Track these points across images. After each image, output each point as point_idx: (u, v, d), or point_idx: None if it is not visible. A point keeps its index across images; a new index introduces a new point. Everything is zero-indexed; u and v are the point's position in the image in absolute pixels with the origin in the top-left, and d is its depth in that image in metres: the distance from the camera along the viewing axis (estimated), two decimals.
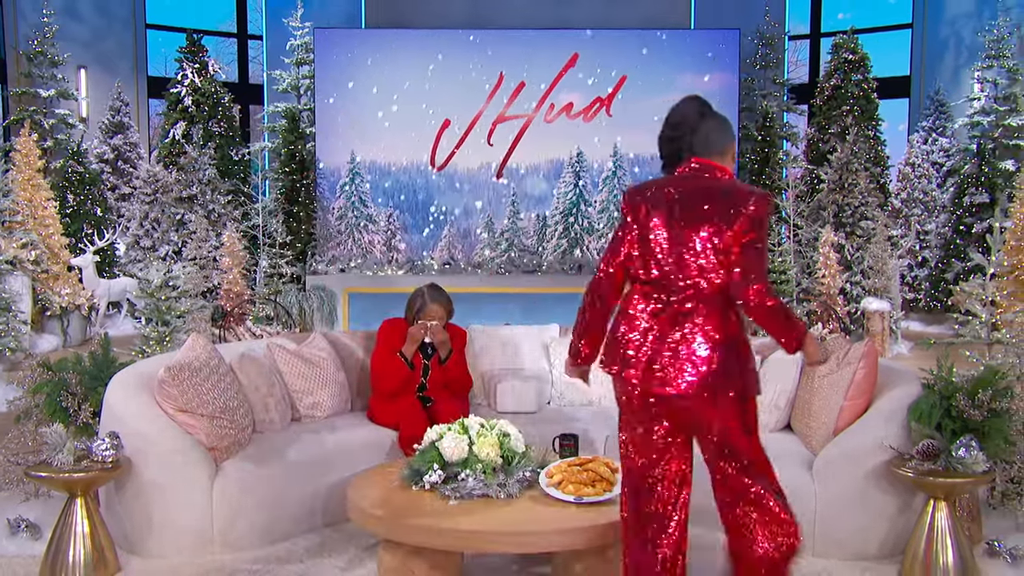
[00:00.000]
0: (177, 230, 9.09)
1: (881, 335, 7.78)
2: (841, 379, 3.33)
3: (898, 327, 8.33)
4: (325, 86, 10.34)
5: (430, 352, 3.96)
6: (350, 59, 10.33)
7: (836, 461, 3.16)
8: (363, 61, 10.33)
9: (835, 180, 8.86)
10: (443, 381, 3.94)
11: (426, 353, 3.96)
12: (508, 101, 10.38)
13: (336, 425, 3.82)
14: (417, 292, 3.98)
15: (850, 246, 8.64)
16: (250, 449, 3.39)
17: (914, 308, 10.32)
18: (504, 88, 10.35)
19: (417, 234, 10.50)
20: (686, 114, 2.43)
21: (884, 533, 3.14)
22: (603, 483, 2.73)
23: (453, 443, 2.82)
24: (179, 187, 9.25)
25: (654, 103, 10.42)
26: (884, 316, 7.87)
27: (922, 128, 10.96)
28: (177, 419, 3.20)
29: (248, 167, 10.58)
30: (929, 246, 10.46)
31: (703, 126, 2.39)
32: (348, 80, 10.36)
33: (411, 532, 2.58)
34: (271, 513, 3.30)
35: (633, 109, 10.43)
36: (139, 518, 3.14)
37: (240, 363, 3.63)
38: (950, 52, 11.16)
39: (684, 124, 2.41)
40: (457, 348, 4.01)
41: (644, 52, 10.42)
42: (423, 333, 3.85)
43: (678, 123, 2.42)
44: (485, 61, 10.32)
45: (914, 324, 9.90)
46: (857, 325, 8.10)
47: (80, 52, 10.94)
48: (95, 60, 11.16)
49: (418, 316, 3.91)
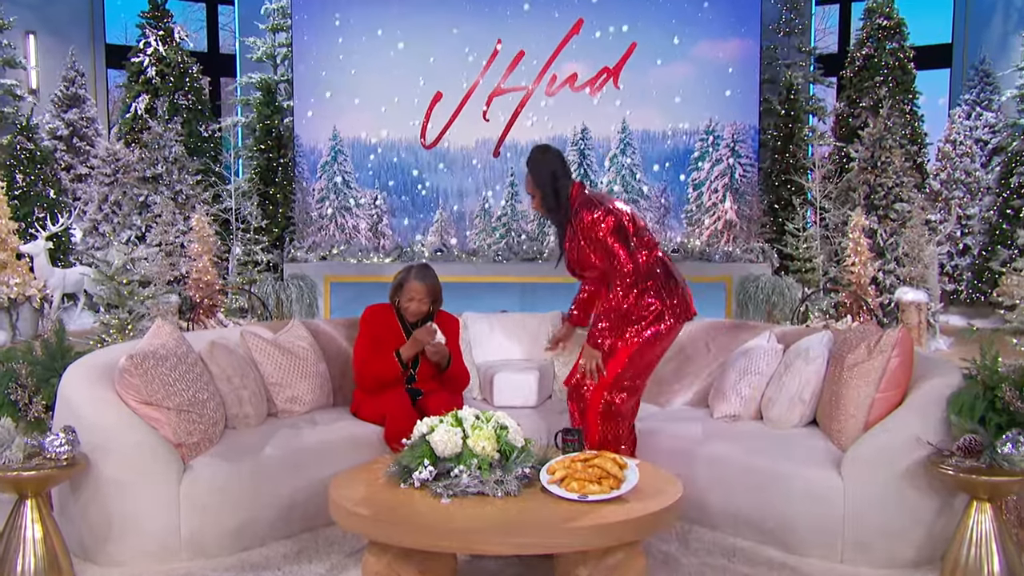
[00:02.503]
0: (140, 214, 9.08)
1: (917, 329, 7.79)
2: (872, 369, 3.33)
3: (936, 321, 8.34)
4: (304, 55, 10.31)
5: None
6: (332, 25, 10.31)
7: (867, 459, 3.16)
8: (346, 27, 10.32)
9: (867, 159, 8.86)
10: (435, 373, 3.95)
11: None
12: (506, 72, 10.36)
13: (317, 420, 3.82)
14: (404, 269, 4.03)
15: (883, 231, 8.64)
16: (221, 446, 3.38)
17: (954, 301, 10.34)
18: (502, 57, 10.34)
19: (406, 218, 10.49)
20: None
21: (921, 538, 3.14)
22: (610, 480, 2.73)
23: (446, 437, 2.81)
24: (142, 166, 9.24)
25: (666, 74, 10.43)
26: (921, 308, 7.87)
27: (965, 101, 10.96)
28: (140, 412, 3.19)
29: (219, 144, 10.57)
30: (972, 232, 10.47)
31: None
32: (330, 48, 10.33)
33: (399, 533, 2.57)
34: (244, 516, 3.29)
35: (643, 80, 10.42)
36: (97, 522, 3.13)
37: (211, 352, 3.63)
38: (998, 16, 11.14)
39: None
40: (451, 339, 4.02)
41: (656, 17, 10.41)
42: (429, 339, 3.84)
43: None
44: (481, 27, 10.31)
45: (954, 318, 9.91)
46: (890, 318, 8.11)
47: (28, 16, 10.90)
48: (45, 25, 11.13)
49: (397, 294, 3.96)
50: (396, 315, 4.03)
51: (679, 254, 9.93)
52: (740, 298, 9.36)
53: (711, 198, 10.51)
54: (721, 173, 10.47)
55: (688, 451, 3.60)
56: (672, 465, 3.25)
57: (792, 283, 9.11)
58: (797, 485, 3.25)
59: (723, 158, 10.47)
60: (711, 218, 10.49)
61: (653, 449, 3.64)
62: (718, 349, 4.24)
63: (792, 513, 3.26)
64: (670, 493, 2.76)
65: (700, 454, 3.56)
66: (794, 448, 3.41)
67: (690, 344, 4.39)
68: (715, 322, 4.48)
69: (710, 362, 4.23)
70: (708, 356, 4.27)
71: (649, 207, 10.54)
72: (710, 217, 10.49)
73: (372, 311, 4.06)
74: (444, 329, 3.98)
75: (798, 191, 10.08)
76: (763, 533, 3.35)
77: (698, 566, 3.16)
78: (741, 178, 10.45)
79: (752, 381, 3.81)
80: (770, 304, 9.02)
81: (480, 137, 10.52)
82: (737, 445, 3.53)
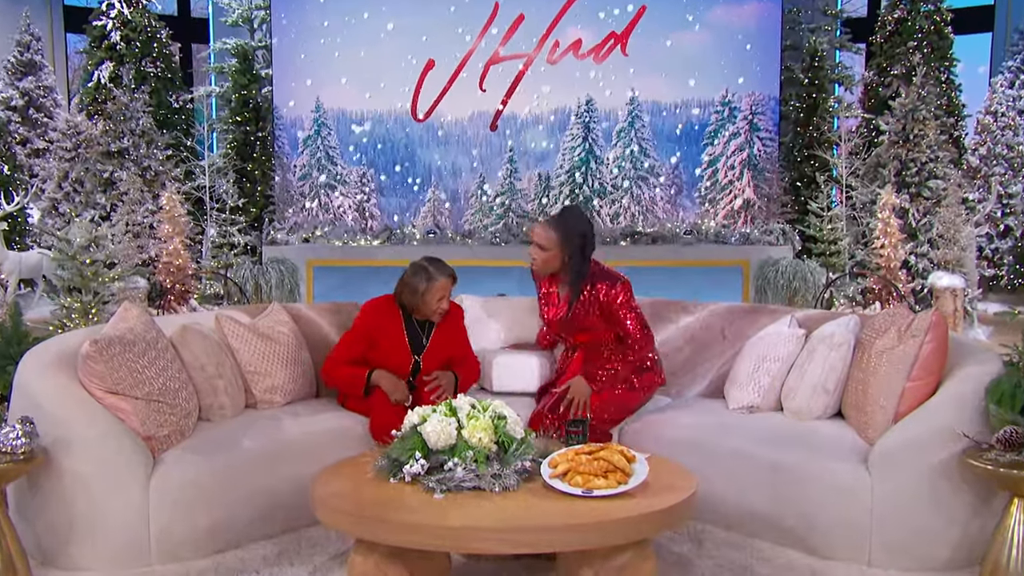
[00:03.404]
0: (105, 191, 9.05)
1: (953, 317, 7.79)
2: (903, 355, 3.33)
3: (974, 308, 8.35)
4: (284, 18, 10.27)
5: (424, 344, 3.95)
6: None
7: (897, 452, 3.16)
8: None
9: (898, 132, 8.85)
10: (443, 366, 3.92)
11: (419, 346, 3.94)
12: (504, 37, 10.33)
13: (298, 411, 3.83)
14: (417, 268, 3.88)
15: (915, 211, 8.63)
16: (195, 439, 3.39)
17: (994, 287, 10.35)
18: (499, 21, 10.30)
19: (396, 197, 10.48)
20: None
21: (956, 538, 3.14)
22: (617, 474, 2.73)
23: (439, 427, 2.81)
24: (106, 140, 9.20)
25: (679, 40, 10.40)
26: (956, 295, 7.87)
27: (1008, 69, 10.93)
28: (105, 402, 3.19)
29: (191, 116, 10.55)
30: (1013, 212, 10.46)
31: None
32: (312, 10, 10.29)
33: (389, 530, 2.57)
34: (220, 516, 3.29)
35: (654, 47, 10.39)
36: (58, 522, 3.13)
37: (183, 337, 3.63)
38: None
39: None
40: (458, 330, 4.05)
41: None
42: (403, 399, 3.75)
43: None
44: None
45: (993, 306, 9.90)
46: (923, 305, 8.11)
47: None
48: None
49: (425, 297, 3.83)
50: (401, 312, 3.95)
51: (691, 236, 9.93)
52: (758, 284, 9.36)
53: (727, 175, 10.49)
54: (738, 148, 10.45)
55: (702, 445, 3.60)
56: (685, 460, 3.24)
57: (815, 267, 9.10)
58: (820, 481, 3.25)
59: (740, 132, 10.44)
60: (727, 197, 10.48)
61: (664, 442, 3.64)
62: (734, 335, 4.24)
63: (815, 512, 3.26)
64: (682, 488, 2.77)
65: (715, 448, 3.57)
66: (817, 441, 3.41)
67: (704, 330, 4.39)
68: (731, 306, 4.47)
69: (725, 349, 4.23)
70: (723, 343, 4.27)
71: (659, 185, 10.53)
72: (726, 196, 10.48)
73: (374, 306, 3.98)
74: (448, 320, 3.96)
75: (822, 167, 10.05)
76: (783, 533, 3.35)
77: (712, 568, 3.17)
78: (760, 153, 10.43)
79: (771, 369, 3.81)
80: (791, 290, 9.02)
81: (476, 109, 10.49)
82: (755, 438, 3.53)
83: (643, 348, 3.87)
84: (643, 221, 10.25)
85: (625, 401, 3.89)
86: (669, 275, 8.69)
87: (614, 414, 3.86)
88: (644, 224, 10.14)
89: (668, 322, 4.44)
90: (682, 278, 8.76)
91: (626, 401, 3.89)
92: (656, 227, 10.06)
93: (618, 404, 3.86)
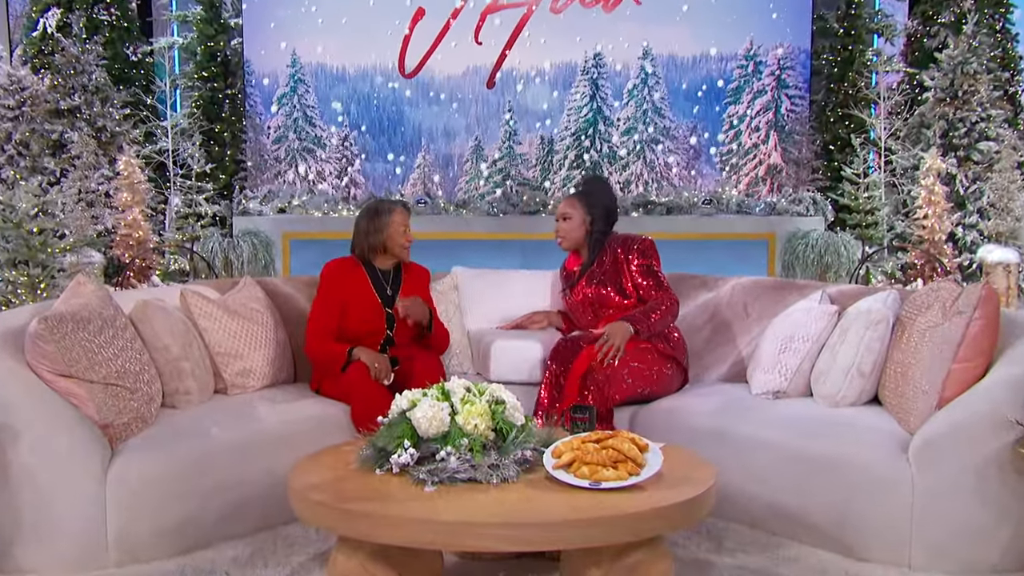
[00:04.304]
0: (54, 155, 8.99)
1: (1005, 296, 7.79)
2: (949, 334, 3.33)
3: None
4: None
5: (392, 295, 4.11)
6: None
7: (941, 442, 3.16)
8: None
9: (945, 88, 8.81)
10: (416, 336, 4.01)
11: (387, 298, 4.03)
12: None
13: (274, 397, 3.85)
14: (368, 211, 4.20)
15: (963, 176, 8.61)
16: (158, 427, 3.40)
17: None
18: None
19: (382, 162, 10.46)
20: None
21: (1007, 539, 3.15)
22: (628, 464, 2.73)
23: (430, 413, 2.81)
24: (55, 97, 9.13)
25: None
26: (1010, 270, 7.87)
27: None
28: (57, 386, 3.19)
29: (151, 71, 10.47)
30: None
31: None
32: None
33: (374, 527, 2.57)
34: (186, 512, 3.31)
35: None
36: (3, 520, 3.13)
37: (144, 314, 3.64)
38: None
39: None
40: (424, 289, 4.21)
41: None
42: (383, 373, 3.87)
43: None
44: None
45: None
46: (971, 282, 8.11)
47: None
48: None
49: (389, 231, 4.10)
50: (364, 268, 4.11)
51: (711, 206, 9.91)
52: (785, 259, 9.35)
53: (751, 138, 10.46)
54: (764, 107, 10.41)
55: (722, 433, 3.62)
56: (703, 449, 3.26)
57: (850, 240, 9.09)
58: (855, 475, 3.27)
59: (767, 89, 10.40)
60: (751, 163, 10.45)
61: (680, 431, 3.66)
62: (759, 313, 4.26)
63: (849, 509, 3.28)
64: (700, 481, 2.77)
65: (736, 437, 3.59)
66: (851, 430, 3.42)
67: (725, 307, 4.40)
68: (755, 280, 4.48)
69: (749, 328, 4.24)
70: (747, 321, 4.28)
71: (676, 149, 10.50)
72: (750, 161, 10.45)
73: (334, 267, 4.14)
74: (413, 281, 4.06)
75: (858, 128, 10.01)
76: (813, 532, 3.37)
77: (733, 569, 3.19)
78: (788, 113, 10.40)
79: (800, 350, 3.82)
80: (822, 266, 9.02)
81: (471, 64, 10.44)
82: (781, 426, 3.55)
83: (662, 304, 4.02)
84: (657, 189, 10.22)
85: (647, 377, 3.97)
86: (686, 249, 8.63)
87: (634, 385, 3.93)
88: (658, 193, 10.12)
89: (686, 298, 4.44)
90: (700, 253, 8.73)
91: (648, 379, 3.97)
92: (671, 196, 10.03)
93: (641, 374, 3.94)
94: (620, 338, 3.84)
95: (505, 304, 4.54)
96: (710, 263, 7.56)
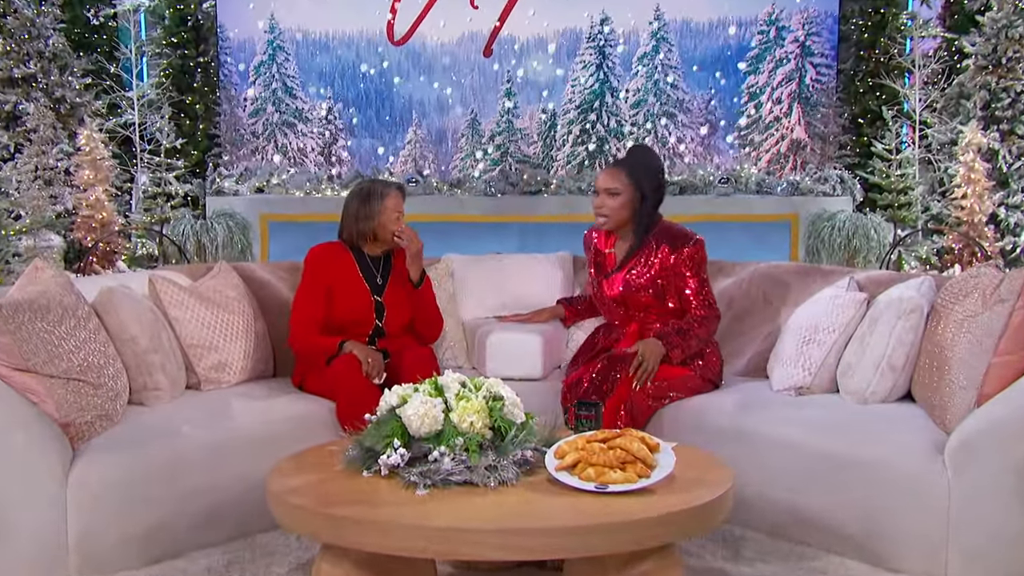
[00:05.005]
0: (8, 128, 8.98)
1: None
2: (989, 325, 3.33)
3: None
4: None
5: (382, 284, 4.10)
6: None
7: (980, 442, 3.17)
8: None
9: (987, 54, 8.78)
10: (407, 322, 4.02)
11: (377, 286, 4.02)
12: None
13: (252, 393, 3.87)
14: (360, 192, 4.18)
15: (1007, 152, 8.60)
16: (124, 426, 3.41)
17: None
18: None
19: (369, 138, 10.44)
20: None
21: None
22: (637, 465, 2.74)
23: (422, 410, 2.81)
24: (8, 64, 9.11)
25: None
26: None
27: None
28: (12, 381, 3.19)
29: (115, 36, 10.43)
30: None
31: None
32: None
33: (361, 533, 2.58)
34: (155, 519, 3.31)
35: None
36: None
37: (109, 303, 3.64)
38: None
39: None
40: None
41: None
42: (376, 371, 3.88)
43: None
44: None
45: None
46: (1015, 267, 8.11)
47: None
48: None
49: (380, 218, 4.10)
50: (352, 254, 4.13)
51: (728, 185, 9.89)
52: (810, 243, 9.34)
53: (772, 111, 10.44)
54: (787, 77, 10.38)
55: (740, 432, 3.64)
56: (719, 450, 3.27)
57: (880, 222, 9.08)
58: (886, 477, 3.27)
59: (790, 57, 10.37)
60: (772, 137, 10.44)
61: (694, 430, 3.67)
62: (781, 301, 4.27)
63: (879, 514, 3.29)
64: (716, 484, 2.79)
65: (755, 436, 3.60)
66: (882, 429, 3.43)
67: (743, 296, 4.40)
68: (776, 266, 4.50)
69: (771, 318, 4.25)
70: (768, 310, 4.29)
71: (691, 123, 10.48)
72: (771, 136, 10.44)
73: (319, 252, 4.15)
74: (405, 268, 4.11)
75: (891, 100, 10.00)
76: (839, 540, 3.38)
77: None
78: (813, 84, 10.37)
79: (825, 342, 3.83)
80: (850, 250, 9.01)
81: (467, 30, 10.40)
82: (805, 425, 3.56)
83: (701, 327, 3.99)
84: (669, 167, 10.21)
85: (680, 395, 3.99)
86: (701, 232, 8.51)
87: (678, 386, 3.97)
88: (671, 171, 10.10)
89: None
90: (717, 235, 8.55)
91: (681, 396, 3.99)
92: (685, 174, 10.01)
93: (677, 399, 3.97)
94: (654, 360, 3.87)
95: (503, 292, 4.55)
96: (727, 247, 7.52)
